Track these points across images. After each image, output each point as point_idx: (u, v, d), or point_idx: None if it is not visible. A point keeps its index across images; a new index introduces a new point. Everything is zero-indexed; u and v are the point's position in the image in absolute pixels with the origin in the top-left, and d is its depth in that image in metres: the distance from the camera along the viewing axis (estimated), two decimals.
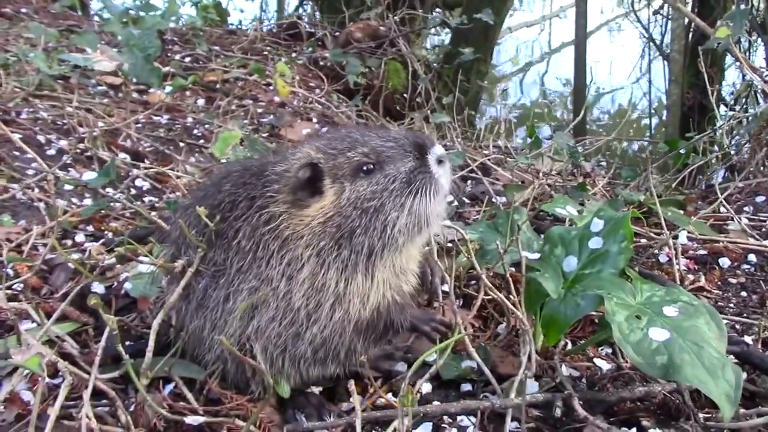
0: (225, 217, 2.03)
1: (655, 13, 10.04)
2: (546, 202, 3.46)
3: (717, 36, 3.98)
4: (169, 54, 6.83)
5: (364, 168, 2.00)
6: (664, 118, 9.88)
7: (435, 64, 8.47)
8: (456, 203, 4.07)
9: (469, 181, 4.45)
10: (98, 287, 2.80)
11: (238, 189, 2.07)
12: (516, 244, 2.37)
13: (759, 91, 6.12)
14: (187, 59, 6.82)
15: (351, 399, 2.21)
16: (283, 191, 2.01)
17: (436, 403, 2.15)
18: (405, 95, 7.24)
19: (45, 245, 2.98)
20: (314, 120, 5.84)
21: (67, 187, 3.75)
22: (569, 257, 2.42)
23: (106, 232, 3.41)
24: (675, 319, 2.04)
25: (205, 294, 2.06)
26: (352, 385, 1.80)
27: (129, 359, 1.88)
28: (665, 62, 9.54)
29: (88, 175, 3.47)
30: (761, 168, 4.48)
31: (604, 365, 2.47)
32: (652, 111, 11.12)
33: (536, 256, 2.45)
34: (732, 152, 4.88)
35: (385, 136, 2.07)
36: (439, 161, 2.07)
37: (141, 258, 2.69)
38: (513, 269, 2.62)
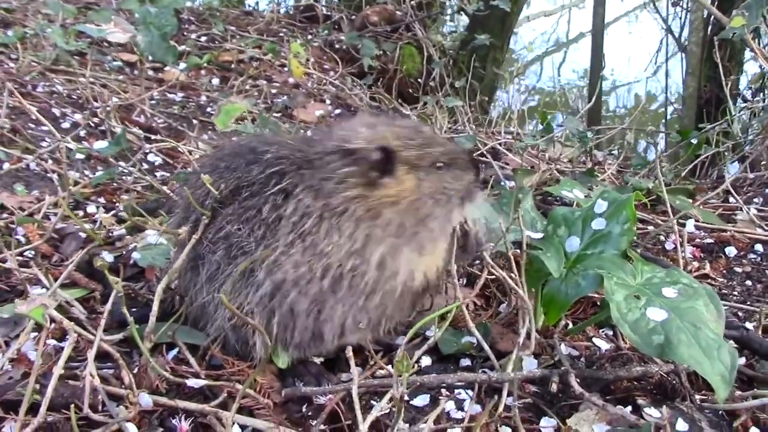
0: (257, 193, 2.06)
1: (674, 4, 9.95)
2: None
3: (732, 26, 3.96)
4: (185, 33, 6.87)
5: (438, 164, 2.13)
6: (680, 110, 9.81)
7: (451, 51, 8.45)
8: None
9: (479, 165, 4.46)
10: (107, 256, 2.85)
11: (279, 165, 2.10)
12: (519, 223, 2.39)
13: None
14: (203, 38, 6.85)
15: (350, 369, 2.26)
16: (355, 174, 2.03)
17: (434, 375, 2.17)
18: (419, 80, 7.24)
19: (57, 214, 3.03)
20: (327, 102, 5.86)
21: (80, 157, 3.80)
22: (572, 237, 2.43)
23: (117, 204, 3.46)
24: (674, 300, 2.05)
25: (219, 267, 2.09)
26: (349, 351, 1.83)
27: (132, 321, 1.92)
28: (683, 54, 9.46)
29: (100, 144, 3.52)
30: None
31: (603, 345, 2.49)
32: (670, 103, 11.04)
33: (539, 235, 2.47)
34: (744, 144, 4.85)
35: (452, 144, 2.40)
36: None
37: (150, 228, 2.74)
38: (518, 250, 2.63)
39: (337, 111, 5.70)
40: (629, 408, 2.08)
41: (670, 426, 1.89)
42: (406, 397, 2.06)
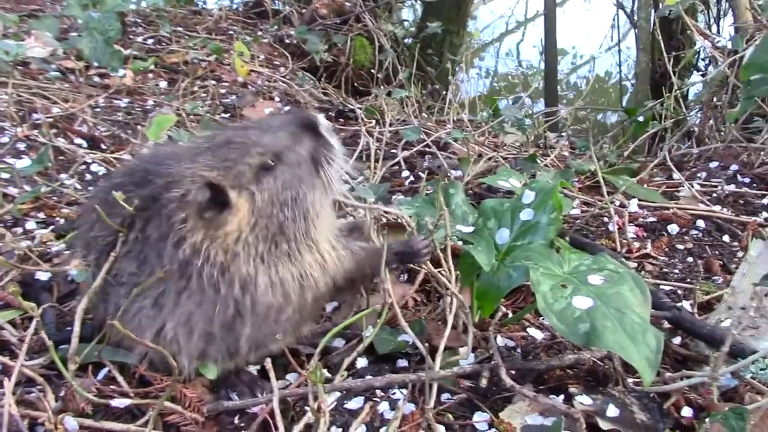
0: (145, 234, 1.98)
1: None
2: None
3: (667, 3, 4.00)
4: (131, 36, 6.76)
5: (266, 166, 1.99)
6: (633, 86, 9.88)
7: (405, 39, 8.42)
8: (412, 178, 4.09)
9: (426, 156, 4.46)
10: (44, 275, 2.80)
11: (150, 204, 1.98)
12: (450, 218, 2.39)
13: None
14: (150, 41, 6.75)
15: (286, 375, 2.25)
16: (191, 218, 1.92)
17: (368, 377, 2.17)
18: (373, 71, 7.21)
19: None
20: (276, 99, 5.81)
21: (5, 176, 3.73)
22: (502, 229, 2.44)
23: (57, 219, 3.41)
24: (600, 286, 2.06)
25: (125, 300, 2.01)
26: (269, 363, 1.81)
27: (52, 345, 1.89)
28: (635, 30, 9.53)
29: (22, 163, 3.46)
30: (715, 135, 4.52)
31: (539, 335, 2.50)
32: (626, 79, 11.11)
33: (470, 229, 2.47)
34: (688, 119, 4.90)
35: (270, 128, 2.06)
36: (327, 129, 2.13)
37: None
38: (461, 243, 2.64)
39: (287, 108, 5.65)
40: (561, 397, 2.09)
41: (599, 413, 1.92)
42: (332, 402, 2.06)
